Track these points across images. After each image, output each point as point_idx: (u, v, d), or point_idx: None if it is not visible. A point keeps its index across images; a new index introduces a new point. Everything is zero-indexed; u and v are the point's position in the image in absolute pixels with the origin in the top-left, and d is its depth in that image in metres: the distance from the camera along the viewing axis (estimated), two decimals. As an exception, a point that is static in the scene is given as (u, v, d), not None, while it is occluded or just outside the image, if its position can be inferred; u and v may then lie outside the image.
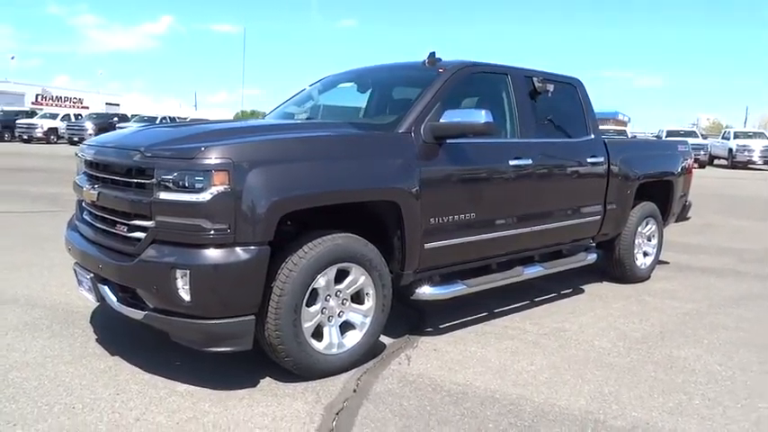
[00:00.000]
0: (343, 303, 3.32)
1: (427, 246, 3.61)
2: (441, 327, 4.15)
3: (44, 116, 32.52)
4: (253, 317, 2.92)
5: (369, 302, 3.39)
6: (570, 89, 4.97)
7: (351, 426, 2.76)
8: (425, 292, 3.81)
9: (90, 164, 3.43)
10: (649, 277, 5.80)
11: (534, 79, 4.48)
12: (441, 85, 3.85)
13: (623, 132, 28.20)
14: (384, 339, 3.86)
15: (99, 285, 3.18)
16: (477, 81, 4.26)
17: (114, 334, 3.78)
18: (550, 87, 4.52)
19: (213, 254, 2.80)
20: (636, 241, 5.54)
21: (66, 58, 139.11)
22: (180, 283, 2.80)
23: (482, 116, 3.54)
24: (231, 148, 2.86)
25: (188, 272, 2.78)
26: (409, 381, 3.27)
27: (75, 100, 61.54)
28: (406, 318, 4.30)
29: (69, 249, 3.57)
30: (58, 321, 3.99)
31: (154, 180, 2.87)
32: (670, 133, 27.49)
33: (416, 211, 3.48)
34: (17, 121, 31.21)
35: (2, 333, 3.75)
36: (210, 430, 2.68)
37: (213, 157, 2.80)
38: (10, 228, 7.26)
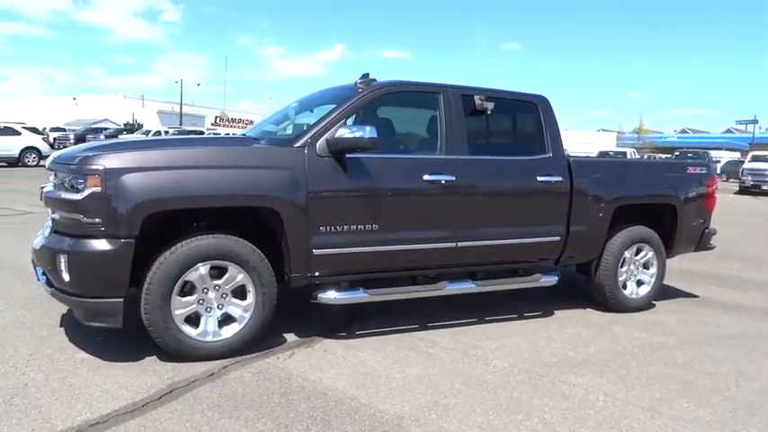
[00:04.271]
0: (223, 297, 3.72)
1: (317, 252, 3.89)
2: (357, 332, 4.36)
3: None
4: (121, 299, 3.45)
5: (249, 299, 3.76)
6: (531, 107, 4.88)
7: (172, 399, 3.15)
8: (329, 296, 4.07)
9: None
10: (647, 307, 5.39)
11: (475, 98, 4.53)
12: (350, 103, 4.11)
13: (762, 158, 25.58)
14: (290, 336, 4.19)
15: (36, 267, 3.93)
16: (400, 100, 4.44)
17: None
18: (489, 105, 4.52)
19: (85, 243, 3.39)
20: (622, 268, 5.22)
21: (251, 84, 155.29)
22: (62, 265, 3.42)
23: (366, 132, 3.77)
24: (106, 158, 3.43)
25: (66, 256, 3.39)
26: (268, 373, 3.56)
27: (246, 122, 68.41)
28: (335, 320, 4.57)
29: None
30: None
31: (57, 181, 3.55)
32: None
33: (300, 219, 3.78)
34: (188, 140, 35.75)
35: (3, 302, 4.69)
36: (66, 388, 3.24)
37: (90, 165, 3.40)
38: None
